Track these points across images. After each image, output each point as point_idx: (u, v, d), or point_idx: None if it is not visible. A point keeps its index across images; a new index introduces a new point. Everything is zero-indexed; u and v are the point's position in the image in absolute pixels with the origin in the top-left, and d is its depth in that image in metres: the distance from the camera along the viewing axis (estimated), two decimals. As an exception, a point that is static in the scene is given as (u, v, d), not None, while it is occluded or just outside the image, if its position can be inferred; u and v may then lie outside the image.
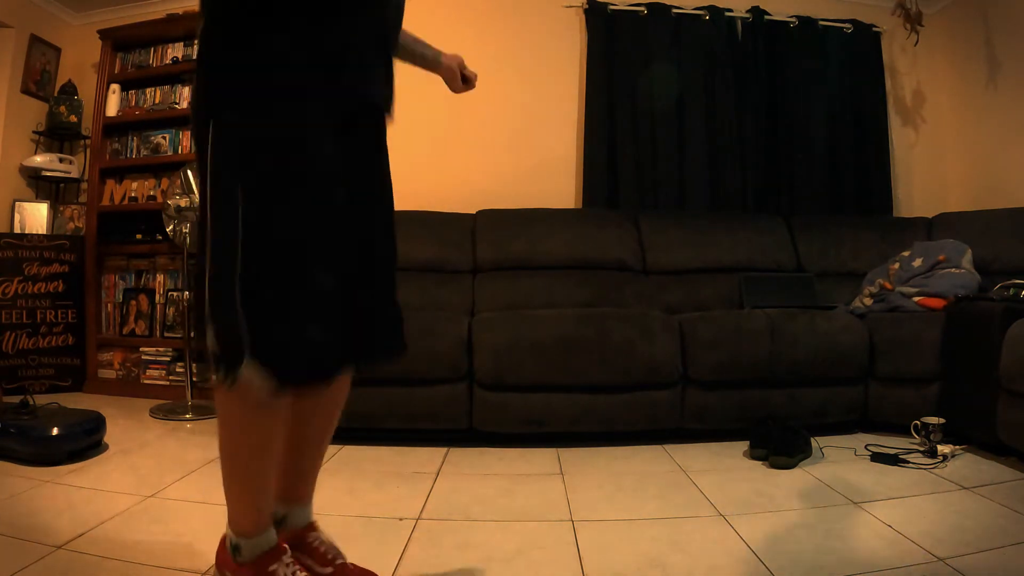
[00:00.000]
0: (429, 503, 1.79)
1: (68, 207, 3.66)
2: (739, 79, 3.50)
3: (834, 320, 2.50)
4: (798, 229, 3.28)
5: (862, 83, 3.55)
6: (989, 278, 2.66)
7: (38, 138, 3.61)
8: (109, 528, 1.55)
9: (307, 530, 1.28)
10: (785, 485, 1.92)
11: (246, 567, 1.14)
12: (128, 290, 3.52)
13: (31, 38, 3.51)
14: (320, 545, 1.27)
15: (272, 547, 1.15)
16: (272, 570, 1.12)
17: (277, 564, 1.13)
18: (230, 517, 1.17)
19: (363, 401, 2.37)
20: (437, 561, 1.42)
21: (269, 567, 1.13)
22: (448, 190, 3.41)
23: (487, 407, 2.38)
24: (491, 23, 3.56)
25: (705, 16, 3.50)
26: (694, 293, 3.04)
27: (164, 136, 3.51)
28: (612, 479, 2.01)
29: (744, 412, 2.40)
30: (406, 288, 2.73)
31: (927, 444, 2.16)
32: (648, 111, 3.44)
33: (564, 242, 3.12)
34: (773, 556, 1.41)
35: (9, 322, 3.24)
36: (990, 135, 3.39)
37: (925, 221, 3.27)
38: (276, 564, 1.13)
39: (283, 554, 1.15)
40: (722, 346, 2.40)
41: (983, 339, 2.15)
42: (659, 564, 1.39)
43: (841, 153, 3.52)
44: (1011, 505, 1.69)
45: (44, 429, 2.07)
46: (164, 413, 2.84)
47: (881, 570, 1.34)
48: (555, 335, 2.37)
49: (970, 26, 3.47)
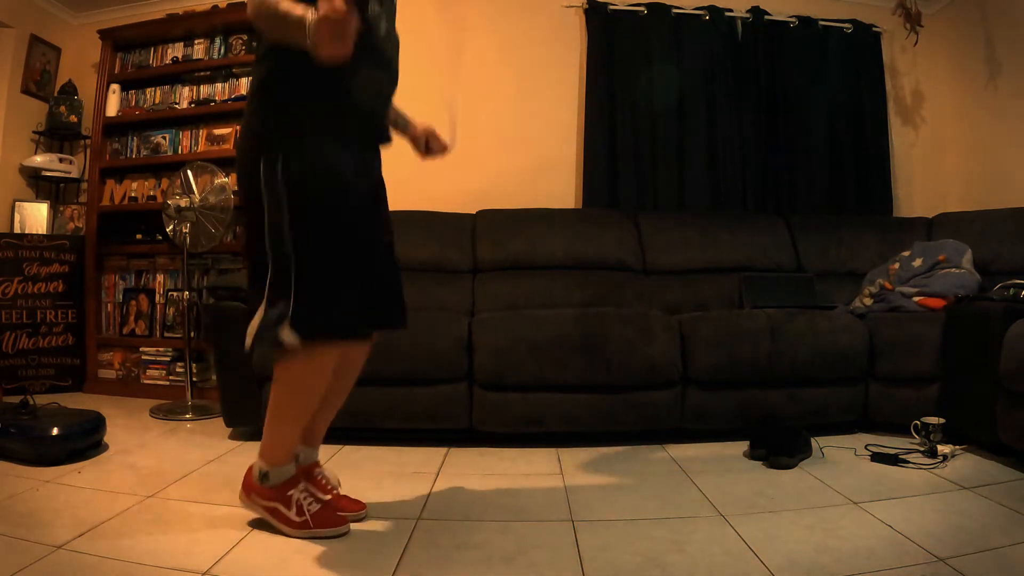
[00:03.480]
0: (429, 503, 1.79)
1: (68, 207, 3.66)
2: (739, 79, 3.50)
3: (834, 320, 2.50)
4: (798, 229, 3.28)
5: (862, 83, 3.55)
6: (989, 278, 2.65)
7: (38, 138, 3.61)
8: (109, 528, 1.55)
9: (314, 466, 1.69)
10: (785, 485, 1.92)
11: (272, 490, 1.53)
12: (128, 290, 3.52)
13: (31, 38, 3.51)
14: (322, 478, 1.68)
15: (292, 476, 1.55)
16: (290, 494, 1.52)
17: (294, 490, 1.53)
18: (264, 451, 1.54)
19: (363, 401, 2.37)
20: (437, 561, 1.42)
21: (288, 491, 1.52)
22: (448, 190, 3.41)
23: (487, 407, 2.38)
24: (491, 23, 3.55)
25: (705, 16, 3.50)
26: (694, 293, 3.04)
27: (164, 136, 3.51)
28: (612, 479, 2.01)
29: (744, 412, 2.40)
30: (406, 288, 2.74)
31: (927, 444, 2.16)
32: (648, 111, 3.44)
33: (564, 242, 3.12)
34: (773, 556, 1.41)
35: (9, 322, 3.24)
36: (990, 135, 3.39)
37: (925, 221, 3.27)
38: (293, 490, 1.53)
39: (299, 482, 1.55)
40: (722, 346, 2.40)
41: (983, 339, 2.15)
42: (659, 564, 1.39)
43: (841, 153, 3.52)
44: (1011, 505, 1.69)
45: (44, 429, 2.07)
46: (164, 413, 2.84)
47: (881, 570, 1.34)
48: (555, 335, 2.37)
49: (970, 26, 3.46)
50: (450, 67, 3.41)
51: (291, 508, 1.51)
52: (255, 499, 1.55)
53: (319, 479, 1.67)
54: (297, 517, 1.50)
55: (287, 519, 1.51)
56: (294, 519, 1.50)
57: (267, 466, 1.53)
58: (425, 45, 2.75)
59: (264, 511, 1.54)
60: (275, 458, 1.53)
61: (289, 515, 1.51)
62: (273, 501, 1.52)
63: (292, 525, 1.50)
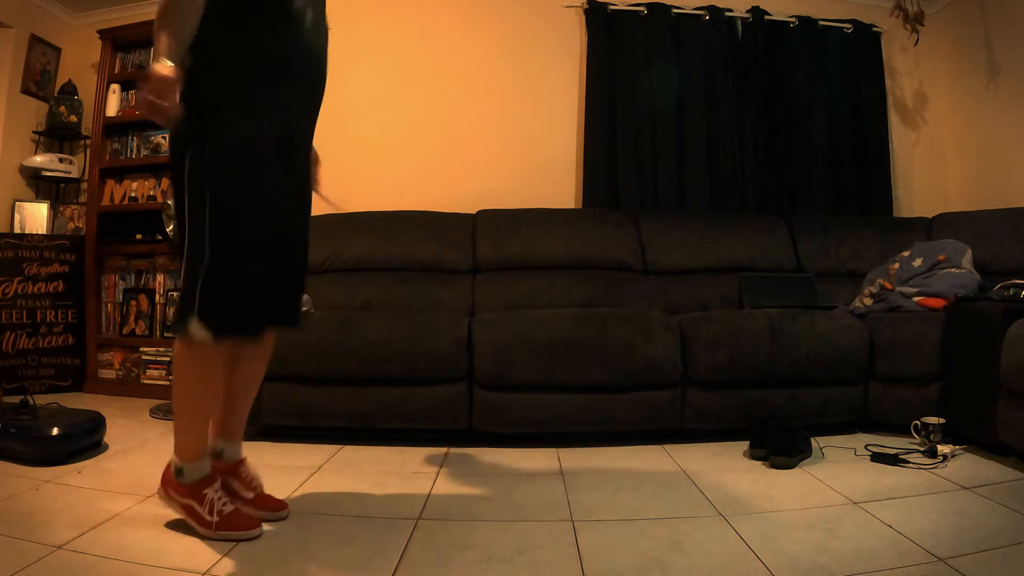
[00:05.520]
0: (429, 503, 1.79)
1: (68, 207, 3.66)
2: (739, 79, 3.50)
3: (834, 320, 2.50)
4: (798, 229, 3.28)
5: (862, 83, 3.55)
6: (989, 278, 2.65)
7: (38, 138, 3.61)
8: (109, 528, 1.55)
9: (238, 464, 1.68)
10: (785, 485, 1.92)
11: (186, 487, 1.52)
12: (128, 290, 3.52)
13: (31, 38, 3.51)
14: (246, 476, 1.67)
15: (207, 475, 1.54)
16: (204, 493, 1.50)
17: (209, 489, 1.51)
18: (176, 447, 1.54)
19: (363, 401, 2.38)
20: (437, 561, 1.42)
21: (203, 490, 1.51)
22: (448, 190, 3.41)
23: (487, 407, 2.38)
24: (491, 23, 3.56)
25: (705, 16, 3.50)
26: (694, 293, 3.04)
27: (164, 136, 3.50)
28: (612, 479, 2.01)
29: (744, 412, 2.40)
30: (407, 288, 2.76)
31: (927, 444, 2.16)
32: (648, 111, 3.44)
33: (564, 242, 3.12)
34: (773, 556, 1.41)
35: (9, 322, 3.24)
36: (990, 135, 3.39)
37: (925, 221, 3.26)
38: (208, 489, 1.51)
39: (214, 482, 1.54)
40: (722, 346, 2.40)
41: (983, 339, 2.14)
42: (659, 564, 1.39)
43: (841, 153, 3.52)
44: (1011, 505, 1.68)
45: (44, 429, 2.07)
46: (164, 413, 2.84)
47: (881, 570, 1.34)
48: (555, 335, 2.37)
49: (970, 26, 3.46)
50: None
51: (205, 507, 1.48)
52: (172, 495, 1.54)
53: (243, 476, 1.66)
54: (211, 517, 1.48)
55: (201, 519, 1.49)
56: (208, 519, 1.48)
57: (180, 461, 1.52)
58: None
59: (180, 508, 1.53)
60: (186, 453, 1.53)
61: (203, 515, 1.48)
62: (188, 499, 1.51)
63: (206, 525, 1.48)
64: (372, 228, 3.10)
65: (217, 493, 1.51)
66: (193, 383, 1.52)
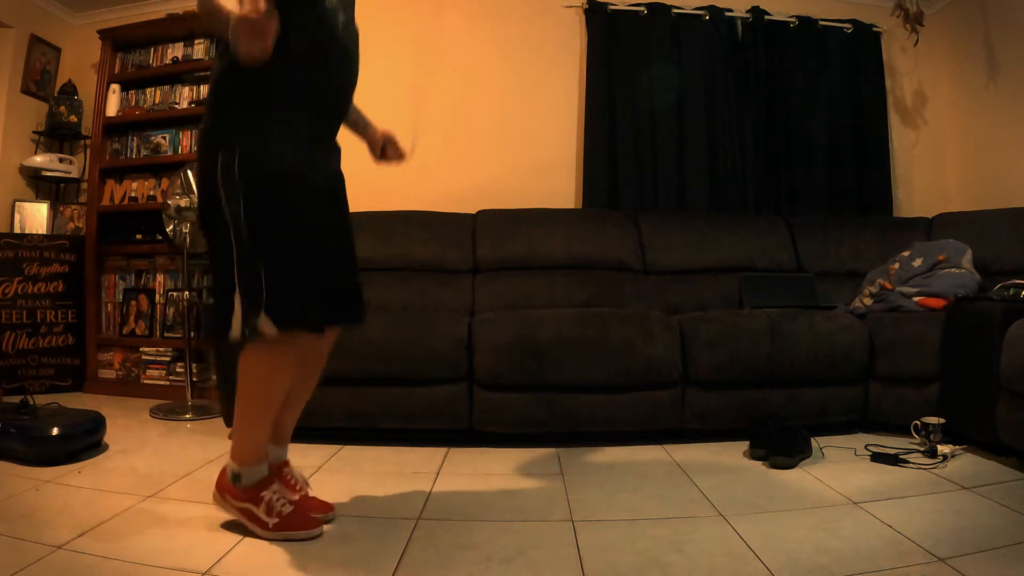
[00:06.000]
0: (429, 503, 1.79)
1: (68, 207, 3.66)
2: (739, 79, 3.50)
3: (834, 320, 2.50)
4: (798, 229, 3.28)
5: (862, 83, 3.55)
6: (989, 278, 2.65)
7: (38, 138, 3.61)
8: (109, 528, 1.55)
9: (282, 465, 1.68)
10: (785, 485, 1.92)
11: (245, 491, 1.52)
12: (128, 290, 3.52)
13: (31, 38, 3.51)
14: (291, 478, 1.68)
15: (265, 477, 1.54)
16: (262, 495, 1.51)
17: (267, 491, 1.52)
18: (235, 451, 1.54)
19: (363, 401, 2.38)
20: (437, 561, 1.42)
21: (260, 492, 1.51)
22: (448, 190, 3.41)
23: (487, 407, 2.38)
24: (491, 23, 3.56)
25: (705, 16, 3.50)
26: (694, 293, 3.04)
27: (164, 136, 3.51)
28: (612, 479, 2.01)
29: (744, 412, 2.40)
30: (407, 288, 2.75)
31: (927, 444, 2.16)
32: (648, 111, 3.44)
33: (564, 242, 3.12)
34: (773, 556, 1.41)
35: (9, 322, 3.24)
36: (990, 135, 3.39)
37: (925, 221, 3.26)
38: (266, 491, 1.52)
39: (272, 484, 1.54)
40: (722, 346, 2.40)
41: (983, 339, 2.14)
42: (659, 564, 1.39)
43: (841, 153, 3.51)
44: (1011, 505, 1.68)
45: (44, 429, 2.07)
46: (164, 413, 2.84)
47: (881, 570, 1.34)
48: (555, 335, 2.37)
49: (970, 26, 3.46)
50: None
51: (263, 509, 1.50)
52: (228, 500, 1.54)
53: (288, 479, 1.67)
54: (269, 519, 1.49)
55: (259, 520, 1.50)
56: (266, 521, 1.49)
57: (239, 467, 1.52)
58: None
59: (237, 512, 1.53)
60: (246, 458, 1.52)
61: (261, 516, 1.49)
62: (245, 502, 1.51)
63: (264, 527, 1.49)
64: (372, 228, 3.09)
65: (276, 495, 1.52)
66: (263, 386, 1.51)
